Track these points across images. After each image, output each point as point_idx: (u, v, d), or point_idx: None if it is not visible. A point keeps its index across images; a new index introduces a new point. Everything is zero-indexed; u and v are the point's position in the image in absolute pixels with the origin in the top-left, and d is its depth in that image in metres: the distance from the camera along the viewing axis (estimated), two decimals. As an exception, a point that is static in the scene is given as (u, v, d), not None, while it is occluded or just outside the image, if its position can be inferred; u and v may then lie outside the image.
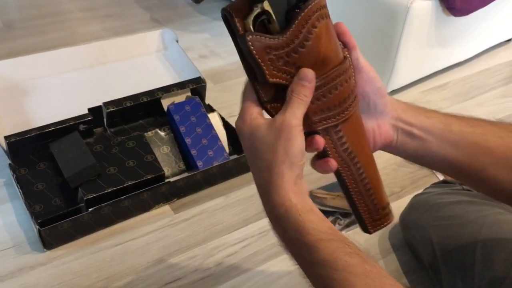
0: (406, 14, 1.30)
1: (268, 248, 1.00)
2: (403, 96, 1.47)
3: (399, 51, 1.37)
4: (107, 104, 1.13)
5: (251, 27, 0.44)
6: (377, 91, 0.54)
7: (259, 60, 0.44)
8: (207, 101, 1.30)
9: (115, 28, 1.69)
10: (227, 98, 1.40)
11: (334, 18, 0.48)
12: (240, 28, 0.45)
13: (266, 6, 0.44)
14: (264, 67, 0.45)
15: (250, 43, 0.43)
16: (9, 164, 1.05)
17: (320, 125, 0.50)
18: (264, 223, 1.06)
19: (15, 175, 1.03)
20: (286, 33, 0.44)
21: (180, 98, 1.22)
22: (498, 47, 1.75)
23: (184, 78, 1.27)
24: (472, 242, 0.83)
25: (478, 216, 0.86)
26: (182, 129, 1.15)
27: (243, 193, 1.13)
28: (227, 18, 0.45)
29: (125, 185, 1.02)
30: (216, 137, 1.17)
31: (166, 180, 1.07)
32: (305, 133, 0.50)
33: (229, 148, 1.20)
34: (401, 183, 1.19)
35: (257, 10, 0.44)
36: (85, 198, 0.98)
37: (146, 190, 1.03)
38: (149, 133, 1.17)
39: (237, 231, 1.03)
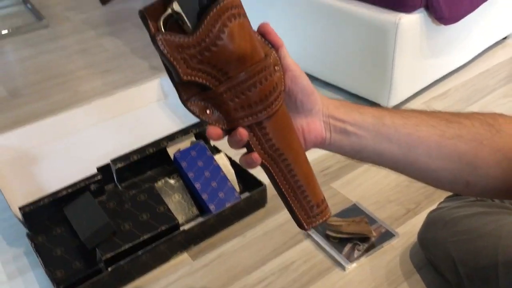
0: (396, 30, 1.31)
1: (290, 283, 0.99)
2: (406, 110, 1.47)
3: (395, 67, 1.38)
4: (115, 160, 1.15)
5: (162, 28, 0.46)
6: (303, 89, 0.54)
7: (171, 59, 0.46)
8: (212, 143, 1.31)
9: (115, 82, 1.73)
10: (232, 136, 1.41)
11: (328, 43, 0.48)
12: (153, 29, 0.46)
13: (176, 7, 0.46)
14: (177, 66, 0.46)
15: (160, 42, 0.45)
16: (27, 233, 1.07)
17: (242, 122, 0.50)
18: (283, 258, 1.05)
19: (33, 244, 1.05)
20: (196, 32, 0.46)
21: (185, 144, 1.24)
22: (495, 47, 1.75)
23: (187, 123, 1.29)
24: (493, 255, 0.82)
25: (495, 227, 0.85)
26: (190, 175, 1.17)
27: (258, 231, 1.13)
28: (143, 20, 0.47)
29: (141, 239, 1.03)
30: (225, 178, 1.18)
31: (181, 229, 1.08)
32: (228, 130, 0.51)
33: (239, 187, 1.21)
34: (415, 199, 1.18)
35: (168, 11, 0.46)
36: (103, 258, 0.99)
37: (162, 242, 1.04)
38: (159, 183, 1.18)
39: (257, 271, 1.03)
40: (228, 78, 0.48)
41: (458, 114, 0.60)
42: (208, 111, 0.49)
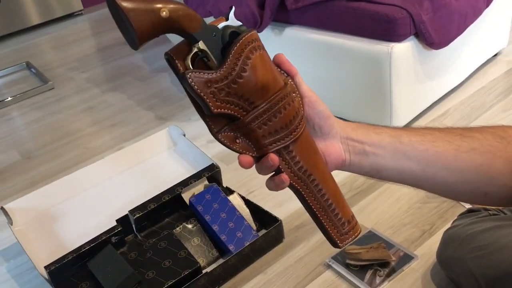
0: (390, 59, 1.37)
1: (317, 316, 1.00)
2: (408, 134, 1.50)
3: (393, 93, 1.42)
4: (132, 211, 1.19)
5: (190, 66, 0.50)
6: (320, 114, 0.57)
7: (202, 94, 0.49)
8: (224, 184, 1.34)
9: (124, 135, 1.78)
10: (243, 176, 1.44)
11: (326, 77, 0.51)
12: (181, 68, 0.50)
13: (202, 45, 0.50)
14: (208, 100, 0.49)
15: (190, 79, 0.49)
16: (53, 291, 1.09)
17: (271, 148, 0.53)
18: (307, 291, 1.07)
19: (60, 301, 1.07)
20: (222, 67, 0.49)
21: (199, 188, 1.27)
22: (487, 64, 1.80)
23: (198, 168, 1.33)
24: (512, 267, 0.84)
25: (511, 240, 0.86)
26: (207, 218, 1.19)
27: (279, 266, 1.15)
28: (170, 62, 0.51)
29: (165, 286, 1.05)
30: (241, 218, 1.20)
31: (204, 272, 1.10)
32: (258, 157, 0.54)
33: (256, 225, 1.23)
34: (429, 220, 1.20)
35: (194, 50, 0.50)
36: (131, 308, 1.00)
37: (186, 287, 1.05)
38: (177, 229, 1.21)
39: (282, 306, 1.04)
40: (255, 107, 0.52)
41: (470, 128, 0.63)
42: (238, 141, 0.53)
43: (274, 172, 0.56)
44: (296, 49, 1.58)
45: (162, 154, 1.45)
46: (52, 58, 2.61)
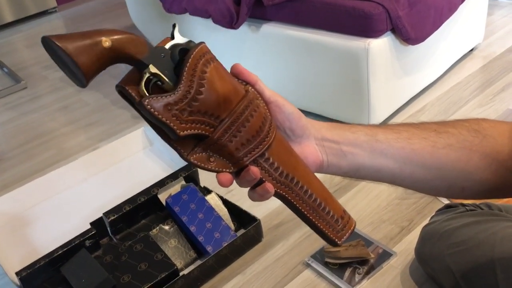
0: (367, 55, 1.36)
1: (296, 316, 0.99)
2: (387, 130, 1.50)
3: (371, 89, 1.42)
4: (107, 213, 1.16)
5: (146, 92, 0.47)
6: (290, 117, 0.55)
7: (164, 119, 0.46)
8: (202, 184, 1.32)
9: (99, 135, 1.74)
10: (221, 175, 1.42)
11: (303, 74, 0.49)
12: (136, 97, 0.46)
13: (152, 69, 0.47)
14: (171, 124, 0.47)
15: (149, 106, 0.46)
16: (25, 298, 1.06)
17: (247, 159, 0.51)
18: (286, 291, 1.05)
19: (33, 308, 1.03)
20: (179, 86, 0.47)
21: (175, 188, 1.25)
22: (463, 59, 1.82)
23: (175, 168, 1.30)
24: (489, 262, 0.84)
25: (488, 235, 0.87)
26: (184, 218, 1.17)
27: (258, 266, 1.13)
28: (123, 93, 0.48)
29: (142, 290, 1.03)
30: (219, 218, 1.18)
31: (181, 274, 1.08)
32: (236, 172, 0.52)
33: (234, 225, 1.22)
34: (408, 216, 1.20)
35: (146, 76, 0.47)
36: (106, 314, 0.98)
37: (163, 290, 1.03)
38: (154, 230, 1.18)
39: (261, 307, 1.03)
40: (221, 121, 0.50)
41: (444, 123, 0.62)
42: (211, 159, 0.50)
43: (257, 183, 0.53)
44: (273, 45, 1.57)
45: (138, 154, 1.43)
46: (25, 56, 2.55)
